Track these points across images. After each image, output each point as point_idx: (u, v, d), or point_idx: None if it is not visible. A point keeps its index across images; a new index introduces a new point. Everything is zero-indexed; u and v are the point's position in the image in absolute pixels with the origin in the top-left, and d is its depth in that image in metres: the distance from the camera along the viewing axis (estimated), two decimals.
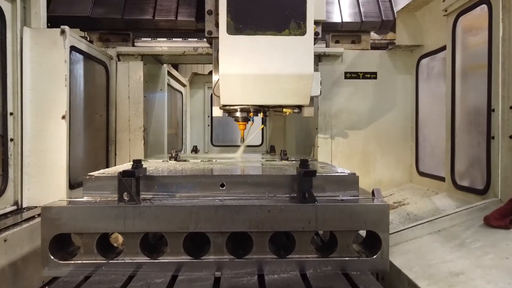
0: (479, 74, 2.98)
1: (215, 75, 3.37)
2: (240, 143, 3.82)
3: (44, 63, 3.03)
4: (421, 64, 4.30)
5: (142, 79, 4.27)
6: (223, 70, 3.04)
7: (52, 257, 1.98)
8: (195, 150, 4.36)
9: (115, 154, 4.23)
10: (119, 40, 4.34)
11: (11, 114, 2.88)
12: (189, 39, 4.77)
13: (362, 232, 2.22)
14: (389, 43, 4.71)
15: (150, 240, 2.24)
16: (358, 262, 2.06)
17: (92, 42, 4.22)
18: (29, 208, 2.91)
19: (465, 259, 2.11)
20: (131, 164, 2.23)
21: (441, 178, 3.68)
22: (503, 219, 2.40)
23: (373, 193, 2.19)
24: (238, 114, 3.46)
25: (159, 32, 4.55)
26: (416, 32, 4.17)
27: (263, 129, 5.52)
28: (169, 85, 5.42)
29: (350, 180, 2.28)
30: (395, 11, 4.37)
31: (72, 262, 2.01)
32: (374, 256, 2.05)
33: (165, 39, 4.73)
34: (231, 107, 3.40)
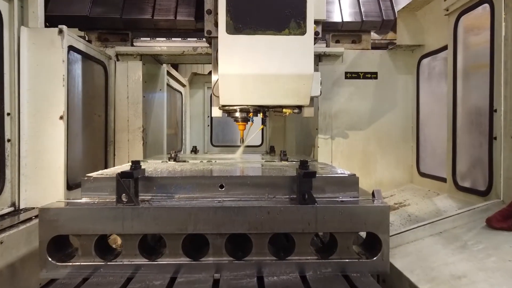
0: (481, 74, 2.96)
1: (214, 75, 3.35)
2: (240, 143, 3.79)
3: (42, 63, 3.01)
4: (422, 64, 4.27)
5: (141, 79, 4.25)
6: (222, 70, 3.02)
7: (50, 259, 1.97)
8: (194, 150, 4.34)
9: (114, 155, 4.20)
10: (118, 39, 4.32)
11: (8, 114, 2.85)
12: (188, 38, 4.75)
13: (362, 233, 2.21)
14: (390, 43, 4.68)
15: (149, 242, 2.22)
16: (358, 264, 2.04)
17: (90, 42, 4.19)
18: (26, 210, 2.88)
19: (467, 262, 2.09)
20: (130, 165, 2.22)
21: (442, 179, 3.66)
22: (505, 221, 2.38)
23: (373, 194, 2.18)
24: (237, 114, 3.43)
25: (158, 32, 4.53)
26: (417, 32, 4.15)
27: (263, 129, 5.51)
28: (169, 85, 5.39)
29: (350, 181, 2.26)
30: (396, 11, 4.35)
31: (70, 264, 2.00)
32: (374, 258, 2.04)
33: (164, 38, 4.71)
34: (231, 107, 3.38)
